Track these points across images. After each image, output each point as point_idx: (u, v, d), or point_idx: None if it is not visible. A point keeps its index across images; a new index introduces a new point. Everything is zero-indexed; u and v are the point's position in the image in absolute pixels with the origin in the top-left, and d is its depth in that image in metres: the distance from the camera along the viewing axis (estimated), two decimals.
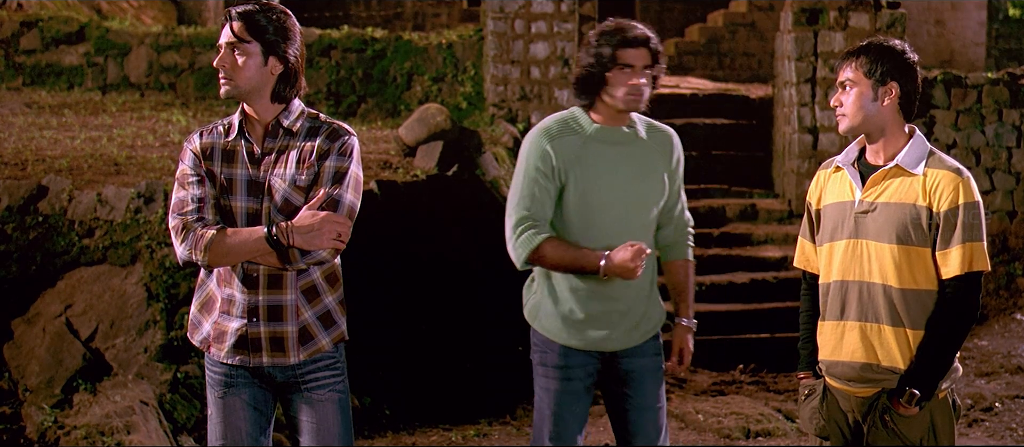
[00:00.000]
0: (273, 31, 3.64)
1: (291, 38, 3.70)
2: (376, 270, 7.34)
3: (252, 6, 3.66)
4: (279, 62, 3.67)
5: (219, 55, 3.63)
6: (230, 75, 3.62)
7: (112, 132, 8.96)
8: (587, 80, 4.25)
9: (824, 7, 10.97)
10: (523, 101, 10.79)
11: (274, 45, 3.65)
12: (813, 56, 10.96)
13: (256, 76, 3.63)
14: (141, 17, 16.30)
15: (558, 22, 10.80)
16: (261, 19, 3.63)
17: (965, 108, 11.15)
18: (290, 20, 3.71)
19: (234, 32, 3.61)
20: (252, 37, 3.62)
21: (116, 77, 11.04)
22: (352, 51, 11.05)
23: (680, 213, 4.50)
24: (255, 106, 3.69)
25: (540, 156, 4.24)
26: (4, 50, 10.99)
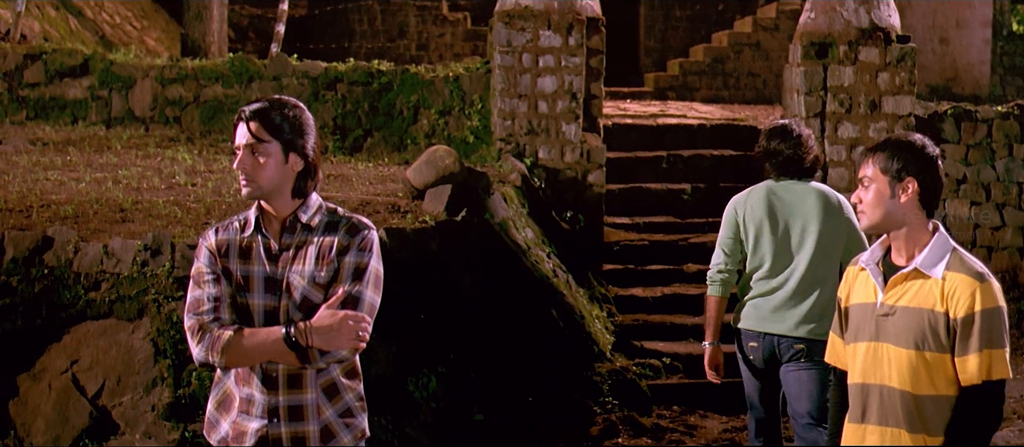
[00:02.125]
0: (290, 128, 3.59)
1: (308, 132, 3.65)
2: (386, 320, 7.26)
3: (266, 104, 3.60)
4: (299, 158, 3.62)
5: (238, 157, 3.57)
6: (251, 176, 3.57)
7: (118, 173, 8.88)
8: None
9: (833, 41, 10.90)
10: (530, 135, 10.71)
11: (292, 142, 3.60)
12: (822, 90, 10.89)
13: (277, 175, 3.58)
14: (145, 38, 16.25)
15: (566, 56, 10.73)
16: (277, 117, 3.58)
17: (975, 142, 11.08)
18: (305, 114, 3.66)
19: (251, 133, 3.55)
20: (271, 136, 3.57)
21: (121, 110, 10.96)
22: (358, 84, 10.98)
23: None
24: (274, 203, 3.64)
25: None
26: (8, 83, 10.91)
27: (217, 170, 9.25)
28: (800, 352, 5.75)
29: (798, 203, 5.84)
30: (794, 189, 5.88)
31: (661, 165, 11.89)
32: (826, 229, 5.78)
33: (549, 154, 10.74)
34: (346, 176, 9.48)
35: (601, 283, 10.21)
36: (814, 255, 5.77)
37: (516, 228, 9.24)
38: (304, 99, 10.93)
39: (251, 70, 10.94)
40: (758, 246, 5.84)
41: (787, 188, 5.88)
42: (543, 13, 10.71)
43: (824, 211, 5.80)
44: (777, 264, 5.81)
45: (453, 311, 7.88)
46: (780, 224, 5.81)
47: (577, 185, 10.77)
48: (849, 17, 10.91)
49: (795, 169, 5.88)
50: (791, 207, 5.83)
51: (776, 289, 5.82)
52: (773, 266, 5.82)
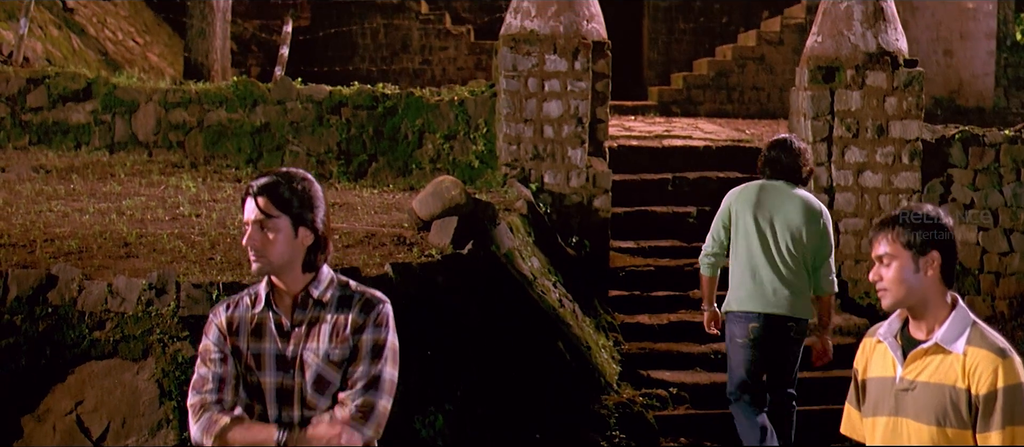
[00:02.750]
0: (299, 202, 3.54)
1: (317, 205, 3.60)
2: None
3: (274, 178, 3.54)
4: (309, 232, 3.57)
5: (247, 233, 3.51)
6: (261, 252, 3.51)
7: (121, 203, 8.82)
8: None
9: (841, 65, 10.84)
10: (536, 160, 10.65)
11: (302, 216, 3.55)
12: (829, 115, 10.83)
13: (287, 250, 3.53)
14: (148, 55, 16.20)
15: (572, 81, 10.68)
16: (285, 191, 3.52)
17: (983, 167, 11.02)
18: (313, 186, 3.60)
19: (260, 208, 3.49)
20: (280, 211, 3.51)
21: (124, 135, 10.91)
22: (363, 108, 10.92)
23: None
24: (285, 278, 3.58)
25: None
26: (10, 107, 10.85)
27: (221, 199, 9.20)
28: (791, 330, 6.96)
29: (784, 202, 6.95)
30: (783, 190, 7.00)
31: (667, 188, 11.84)
32: (806, 230, 6.94)
33: (555, 179, 10.68)
34: (351, 205, 9.42)
35: (607, 310, 10.15)
36: (794, 249, 6.93)
37: (522, 258, 9.18)
38: (308, 123, 10.89)
39: (255, 94, 10.88)
40: (747, 234, 6.96)
41: (778, 189, 7.00)
42: (549, 37, 10.66)
43: (806, 214, 6.97)
44: (762, 253, 6.93)
45: (460, 347, 7.83)
46: (766, 217, 6.95)
47: (583, 210, 10.72)
48: (856, 41, 10.85)
49: (790, 176, 7.03)
50: (778, 205, 6.95)
51: (768, 275, 6.93)
52: (759, 254, 6.93)
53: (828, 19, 11.02)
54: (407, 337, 7.39)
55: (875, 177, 10.86)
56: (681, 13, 21.18)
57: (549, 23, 10.69)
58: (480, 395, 7.72)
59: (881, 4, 10.95)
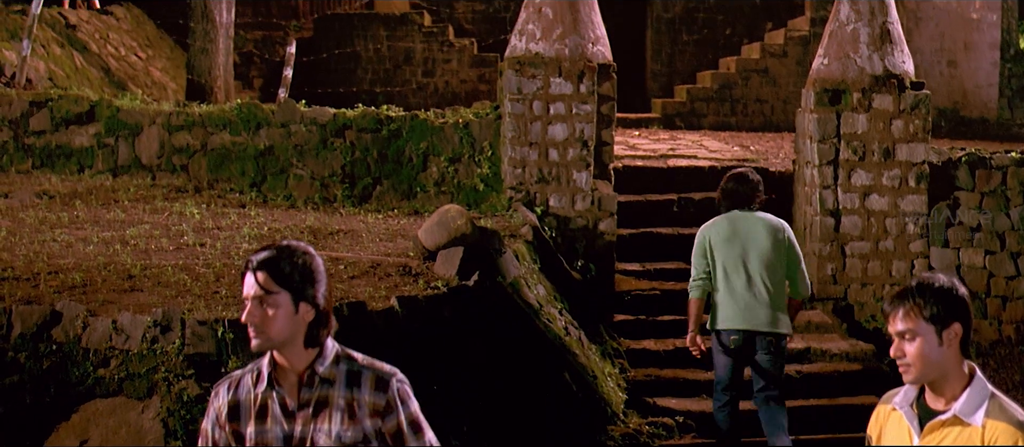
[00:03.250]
0: (300, 278, 3.46)
1: (318, 280, 3.52)
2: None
3: (274, 253, 3.47)
4: (310, 308, 3.49)
5: (246, 309, 3.44)
6: (260, 329, 3.43)
7: (125, 232, 8.78)
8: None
9: (847, 88, 10.80)
10: (541, 184, 10.62)
11: (302, 291, 3.47)
12: (835, 137, 10.79)
13: (288, 326, 3.45)
14: (150, 69, 16.15)
15: (577, 104, 10.64)
16: (286, 267, 3.44)
17: (990, 190, 10.97)
18: (314, 260, 3.52)
19: (260, 284, 3.42)
20: (280, 287, 3.43)
21: (127, 158, 10.86)
22: (367, 131, 10.88)
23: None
24: (287, 354, 3.50)
25: None
26: (13, 131, 10.81)
27: (225, 227, 9.16)
28: (770, 343, 7.88)
29: (752, 229, 7.92)
30: (749, 218, 7.96)
31: (672, 209, 11.80)
32: (774, 247, 7.90)
33: (560, 202, 10.64)
34: (356, 231, 9.38)
35: (613, 336, 10.11)
36: (766, 268, 7.86)
37: (528, 286, 9.14)
38: (312, 146, 10.84)
39: (259, 117, 10.84)
40: (724, 261, 7.87)
41: (744, 217, 7.96)
42: (554, 60, 10.62)
43: (772, 235, 7.92)
44: (740, 275, 7.85)
45: (465, 380, 7.78)
46: (738, 244, 7.88)
47: (588, 233, 10.68)
48: (863, 64, 10.81)
49: (748, 204, 8.00)
50: (746, 231, 7.91)
51: (742, 294, 7.83)
52: (737, 277, 7.85)
53: (834, 41, 10.98)
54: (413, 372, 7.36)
55: (881, 200, 10.83)
56: (684, 24, 21.12)
57: (554, 46, 10.66)
58: (486, 428, 7.68)
59: (888, 26, 10.91)
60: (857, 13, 10.88)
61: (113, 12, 16.82)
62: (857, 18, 10.88)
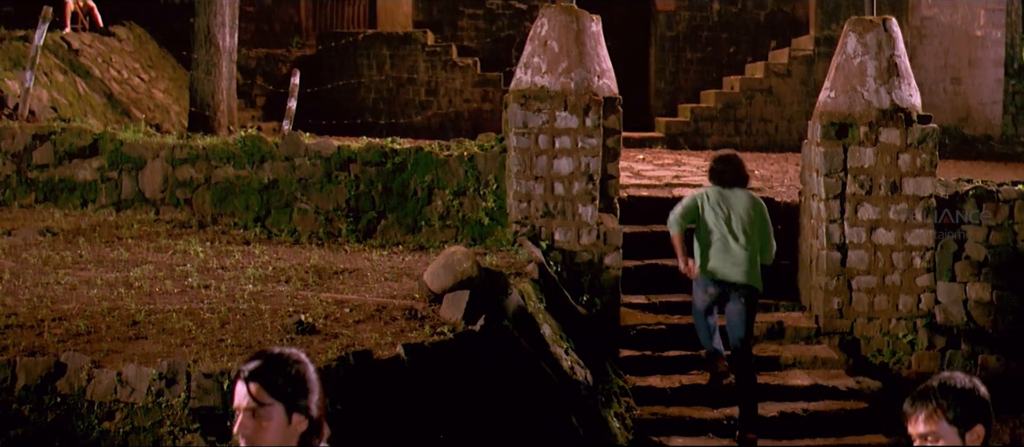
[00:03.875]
0: (293, 389, 3.40)
1: (311, 390, 3.45)
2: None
3: (266, 362, 3.41)
4: (304, 417, 3.43)
5: (238, 421, 3.38)
6: (252, 440, 3.38)
7: (129, 273, 8.73)
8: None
9: (854, 121, 10.76)
10: (547, 218, 10.57)
11: (295, 402, 3.41)
12: (842, 171, 10.75)
13: (280, 438, 3.39)
14: (153, 91, 16.11)
15: (583, 137, 10.59)
16: (278, 378, 3.38)
17: (997, 224, 10.92)
18: (308, 370, 3.45)
19: (252, 395, 3.36)
20: (273, 399, 3.37)
21: (131, 192, 10.81)
22: (372, 164, 10.83)
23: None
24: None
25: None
26: (16, 165, 10.76)
27: (229, 266, 9.11)
28: (742, 293, 9.38)
29: (736, 200, 9.49)
30: (735, 193, 9.53)
31: None
32: (752, 217, 9.47)
33: (565, 236, 10.60)
34: (361, 270, 9.33)
35: (618, 373, 10.07)
36: (746, 233, 9.41)
37: (534, 326, 9.09)
38: (316, 180, 10.80)
39: (263, 150, 10.79)
40: (713, 226, 9.41)
41: (732, 192, 9.52)
42: (559, 94, 10.58)
43: (752, 208, 9.52)
44: (725, 239, 9.39)
45: (472, 426, 7.73)
46: (724, 213, 9.43)
47: (593, 268, 10.64)
48: (870, 98, 10.76)
49: (736, 181, 9.57)
50: (733, 204, 9.47)
51: (726, 253, 9.37)
52: (722, 240, 9.40)
53: (841, 74, 10.93)
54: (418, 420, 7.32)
55: (888, 234, 10.78)
56: (688, 43, 21.09)
57: (560, 80, 10.61)
58: None
59: (895, 60, 10.87)
60: (864, 46, 10.84)
61: (116, 33, 16.79)
62: (864, 51, 10.84)
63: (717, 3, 20.96)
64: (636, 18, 20.95)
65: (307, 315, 7.92)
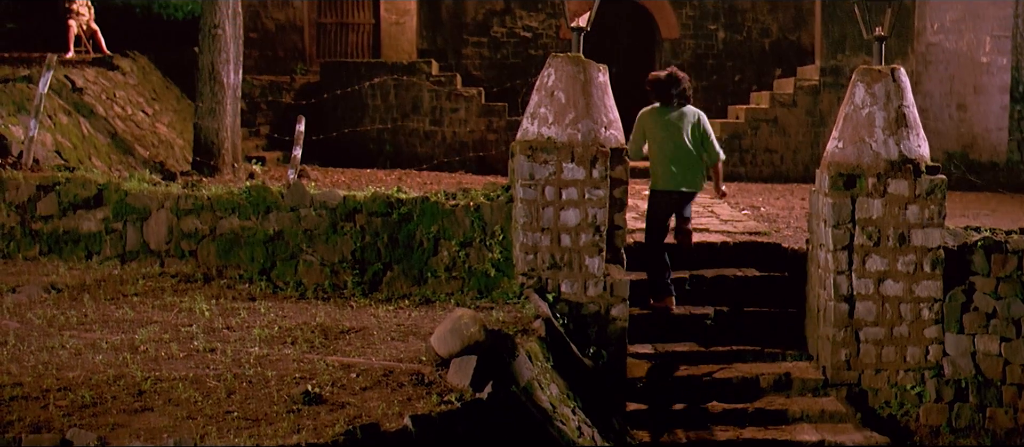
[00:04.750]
0: None
1: None
2: None
3: None
4: None
5: None
6: None
7: (135, 335, 8.69)
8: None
9: (862, 172, 10.70)
10: (553, 270, 10.52)
11: None
12: (850, 223, 10.69)
13: None
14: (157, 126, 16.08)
15: (590, 189, 10.55)
16: None
17: (1005, 275, 10.86)
18: None
19: None
20: None
21: (135, 244, 10.77)
22: (377, 215, 10.79)
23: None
24: None
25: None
26: (21, 216, 10.72)
27: (235, 326, 9.07)
28: (689, 196, 11.33)
29: (679, 118, 11.17)
30: (674, 111, 11.19)
31: (684, 287, 11.70)
32: (693, 129, 11.19)
33: (572, 288, 10.55)
34: (367, 329, 9.28)
35: (625, 429, 10.02)
36: (689, 144, 11.17)
37: (541, 388, 9.03)
38: (322, 231, 10.76)
39: (268, 201, 10.75)
40: (662, 143, 11.14)
41: (670, 109, 11.19)
42: (566, 146, 10.53)
43: (692, 119, 11.22)
44: (675, 153, 11.12)
45: None
46: (672, 128, 11.12)
47: (600, 319, 10.59)
48: (878, 149, 10.71)
49: (679, 100, 11.23)
50: (676, 121, 11.16)
51: (678, 167, 11.14)
52: (672, 154, 11.12)
53: (849, 125, 10.88)
54: None
55: (896, 286, 10.72)
56: (693, 70, 21.06)
57: (567, 131, 10.57)
58: None
59: (903, 110, 10.81)
60: (872, 97, 10.79)
61: (120, 66, 16.77)
62: (872, 102, 10.79)
63: (722, 31, 20.95)
64: (641, 46, 20.94)
65: (313, 383, 7.87)
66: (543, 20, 20.84)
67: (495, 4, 20.79)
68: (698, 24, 20.98)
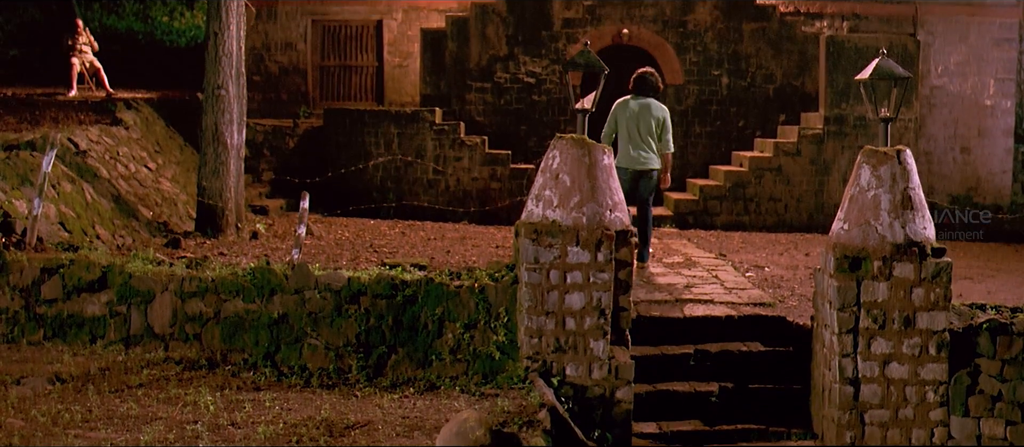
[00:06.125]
0: None
1: None
2: None
3: None
4: None
5: None
6: None
7: (140, 436, 8.67)
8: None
9: (868, 255, 10.67)
10: (558, 353, 10.50)
11: None
12: (855, 306, 10.66)
13: None
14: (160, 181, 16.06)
15: (594, 272, 10.52)
16: None
17: (1010, 357, 10.83)
18: None
19: None
20: None
21: (139, 327, 10.75)
22: (382, 297, 10.77)
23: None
24: None
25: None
26: (25, 300, 10.71)
27: (240, 423, 9.05)
28: (647, 174, 13.98)
29: (645, 109, 13.96)
30: (647, 102, 14.02)
31: (688, 362, 11.68)
32: (655, 121, 13.96)
33: (577, 371, 10.53)
34: (372, 423, 9.26)
35: None
36: (650, 134, 13.95)
37: None
38: (326, 314, 10.75)
39: (273, 283, 10.73)
40: (627, 128, 13.90)
41: (643, 102, 14.02)
42: (571, 229, 10.51)
43: (656, 111, 14.00)
44: (635, 138, 13.92)
45: None
46: (638, 118, 13.89)
47: (605, 402, 10.56)
48: (884, 232, 10.69)
49: (650, 93, 14.09)
50: (642, 111, 13.93)
51: (636, 150, 13.95)
52: (633, 139, 13.92)
53: (855, 207, 10.86)
54: None
55: (901, 368, 10.70)
56: (697, 116, 21.05)
57: (572, 214, 10.55)
58: None
59: (909, 193, 10.79)
60: (878, 179, 10.77)
61: (123, 119, 16.77)
62: (878, 184, 10.77)
63: (726, 77, 20.93)
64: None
65: None
66: (546, 65, 20.83)
67: (498, 50, 20.77)
68: (702, 70, 20.96)
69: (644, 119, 13.87)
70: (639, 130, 13.84)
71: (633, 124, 13.84)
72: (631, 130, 13.86)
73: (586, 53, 11.35)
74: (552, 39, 20.69)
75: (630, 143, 13.90)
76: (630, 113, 13.87)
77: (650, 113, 13.92)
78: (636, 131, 13.84)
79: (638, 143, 13.88)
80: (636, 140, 13.87)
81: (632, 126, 13.85)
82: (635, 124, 13.84)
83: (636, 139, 13.87)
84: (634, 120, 13.84)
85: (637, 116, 13.85)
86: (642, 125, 13.84)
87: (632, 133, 13.87)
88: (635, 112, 13.87)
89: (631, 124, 13.85)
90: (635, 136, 13.86)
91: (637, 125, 13.84)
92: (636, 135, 13.86)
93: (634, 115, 13.86)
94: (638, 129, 13.84)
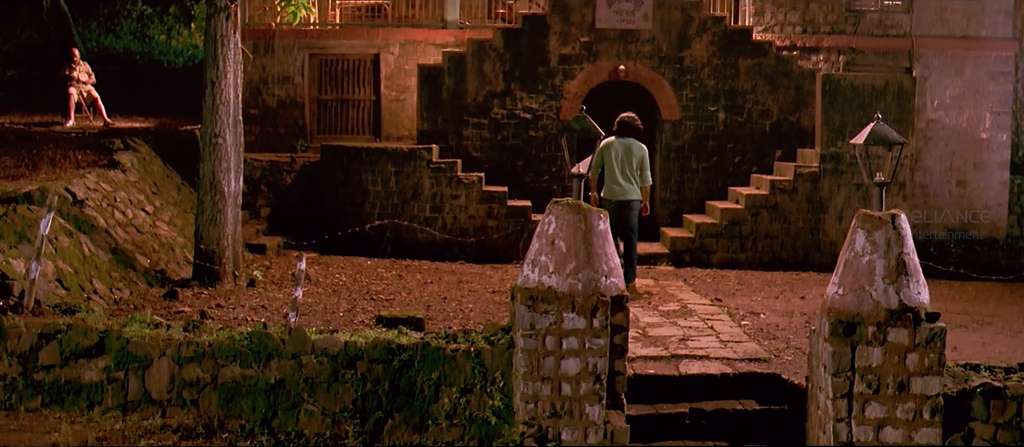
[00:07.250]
0: None
1: None
2: None
3: None
4: None
5: None
6: None
7: None
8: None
9: (862, 320, 10.71)
10: (553, 418, 10.55)
11: None
12: (850, 371, 10.70)
13: None
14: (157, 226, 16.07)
15: (590, 338, 10.57)
16: None
17: (1004, 421, 10.88)
18: None
19: None
20: None
21: (137, 393, 10.78)
22: (378, 362, 10.81)
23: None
24: None
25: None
26: (22, 366, 10.73)
27: None
28: (629, 205, 16.00)
29: (628, 148, 16.00)
30: (628, 142, 16.04)
31: (684, 421, 11.71)
32: (636, 159, 15.96)
33: (572, 436, 10.57)
34: None
35: None
36: (631, 171, 15.91)
37: None
38: (323, 379, 10.79)
39: (270, 347, 10.77)
40: (612, 165, 15.86)
41: (625, 142, 16.03)
42: (567, 296, 10.55)
43: (637, 150, 16.04)
44: (619, 174, 15.84)
45: None
46: (621, 156, 15.91)
47: None
48: (878, 297, 10.72)
49: (632, 134, 16.10)
50: (626, 150, 15.98)
51: (620, 184, 15.91)
52: (618, 175, 15.83)
53: (849, 272, 10.89)
54: None
55: (896, 433, 10.73)
56: (693, 152, 21.09)
57: (568, 281, 10.59)
58: None
59: (903, 258, 10.82)
60: (873, 245, 10.80)
61: (120, 162, 16.79)
62: (873, 249, 10.80)
63: (722, 113, 20.98)
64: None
65: None
66: (543, 102, 20.87)
67: (495, 86, 20.82)
68: (698, 105, 21.00)
69: (627, 157, 15.98)
70: (622, 167, 15.91)
71: (617, 162, 15.91)
72: (615, 167, 15.91)
73: (582, 119, 11.43)
74: (549, 75, 20.74)
75: (615, 178, 15.94)
76: (614, 152, 15.98)
77: (632, 152, 16.04)
78: (620, 168, 15.91)
79: (622, 178, 15.92)
80: (620, 176, 15.91)
81: (616, 163, 15.91)
82: (619, 162, 15.92)
83: (620, 175, 15.91)
84: (618, 158, 15.94)
85: (622, 155, 15.97)
86: (625, 163, 15.94)
87: (616, 169, 15.91)
88: (619, 152, 15.99)
89: (615, 161, 15.92)
90: (619, 172, 15.91)
91: (621, 163, 15.92)
92: (619, 171, 15.91)
93: (618, 154, 15.97)
94: (622, 166, 15.91)
